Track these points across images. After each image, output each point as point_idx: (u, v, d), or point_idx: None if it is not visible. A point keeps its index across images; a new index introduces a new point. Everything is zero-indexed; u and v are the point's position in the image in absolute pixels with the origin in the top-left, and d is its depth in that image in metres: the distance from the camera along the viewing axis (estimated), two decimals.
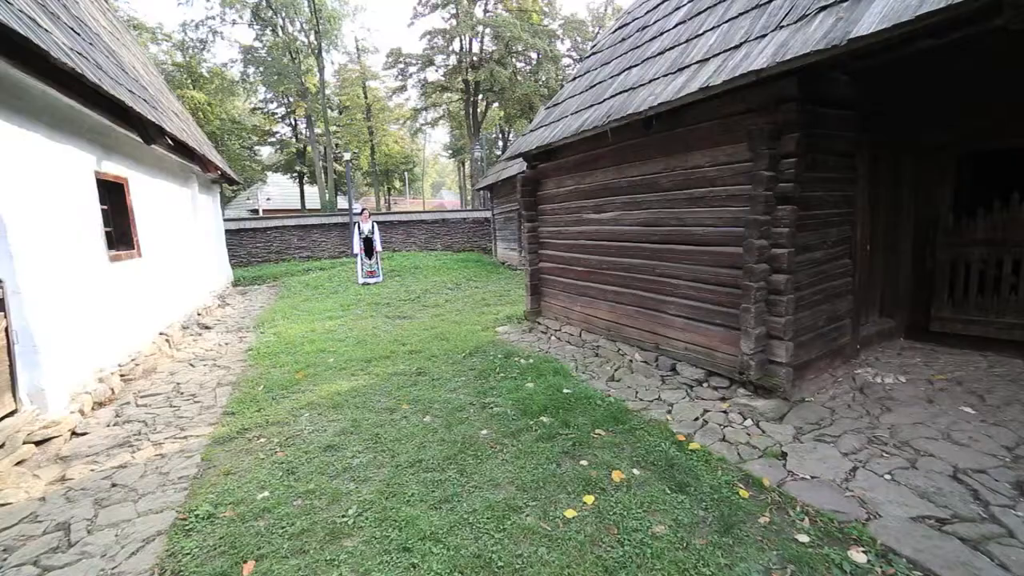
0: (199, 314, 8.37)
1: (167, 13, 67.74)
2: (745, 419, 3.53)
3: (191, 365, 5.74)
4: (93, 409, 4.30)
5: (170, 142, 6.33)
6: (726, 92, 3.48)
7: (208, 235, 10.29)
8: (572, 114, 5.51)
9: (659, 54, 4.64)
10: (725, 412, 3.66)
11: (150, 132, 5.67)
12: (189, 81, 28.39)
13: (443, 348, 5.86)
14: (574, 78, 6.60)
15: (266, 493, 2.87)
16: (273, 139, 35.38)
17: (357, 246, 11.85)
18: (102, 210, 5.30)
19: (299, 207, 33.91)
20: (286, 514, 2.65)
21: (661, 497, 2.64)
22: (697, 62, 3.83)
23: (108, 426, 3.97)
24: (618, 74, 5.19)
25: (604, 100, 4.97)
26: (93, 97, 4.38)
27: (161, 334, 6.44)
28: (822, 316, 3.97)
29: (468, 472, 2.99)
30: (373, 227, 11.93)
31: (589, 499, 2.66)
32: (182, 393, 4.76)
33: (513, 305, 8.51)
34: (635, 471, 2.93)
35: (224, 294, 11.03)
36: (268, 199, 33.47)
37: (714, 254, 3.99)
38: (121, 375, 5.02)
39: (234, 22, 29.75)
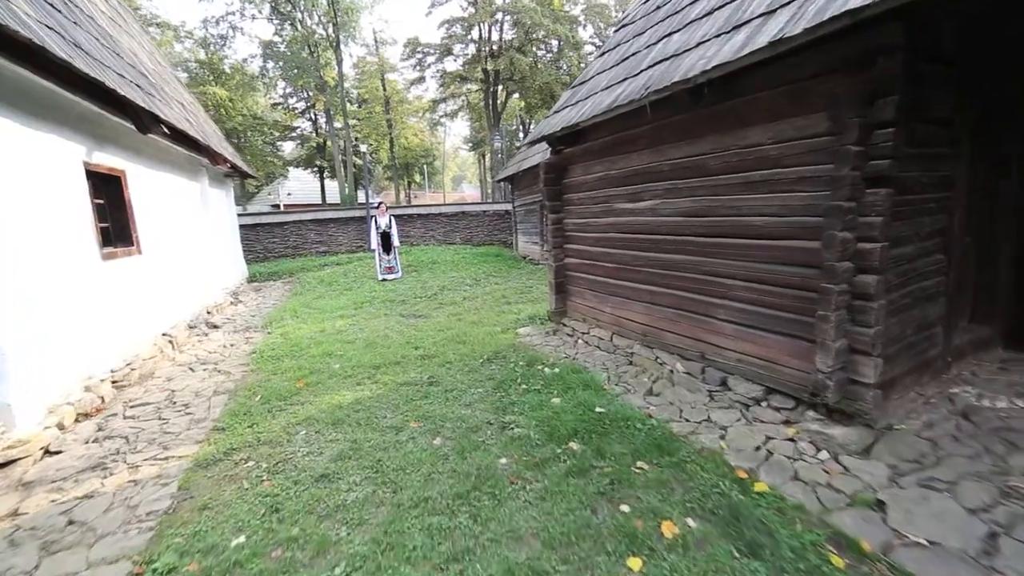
0: (208, 312, 8.06)
1: (188, 10, 68.70)
2: (819, 450, 2.89)
3: (191, 369, 5.38)
4: (76, 421, 3.93)
5: (167, 131, 5.94)
6: (801, 48, 2.81)
7: (220, 231, 10.01)
8: (603, 90, 4.86)
9: (706, 15, 3.96)
10: (793, 440, 3.02)
11: (144, 120, 5.27)
12: (211, 78, 28.48)
13: (459, 353, 5.34)
14: (602, 53, 5.93)
15: (242, 539, 2.40)
16: (294, 134, 35.41)
17: (374, 241, 11.42)
18: (96, 204, 4.95)
19: (319, 202, 33.92)
20: (260, 571, 2.16)
21: (728, 563, 2.06)
22: (760, 15, 3.15)
23: (86, 443, 3.59)
24: (655, 43, 4.52)
25: (640, 72, 4.32)
26: (72, 79, 3.96)
27: (164, 335, 6.11)
28: (911, 324, 3.27)
29: (483, 518, 2.45)
30: (391, 221, 11.46)
31: (635, 564, 2.09)
32: (175, 403, 4.36)
33: (535, 304, 7.93)
34: (690, 522, 2.34)
35: (238, 291, 10.78)
36: (289, 194, 33.61)
37: (777, 249, 3.33)
38: (114, 381, 4.66)
39: (253, 17, 29.65)
